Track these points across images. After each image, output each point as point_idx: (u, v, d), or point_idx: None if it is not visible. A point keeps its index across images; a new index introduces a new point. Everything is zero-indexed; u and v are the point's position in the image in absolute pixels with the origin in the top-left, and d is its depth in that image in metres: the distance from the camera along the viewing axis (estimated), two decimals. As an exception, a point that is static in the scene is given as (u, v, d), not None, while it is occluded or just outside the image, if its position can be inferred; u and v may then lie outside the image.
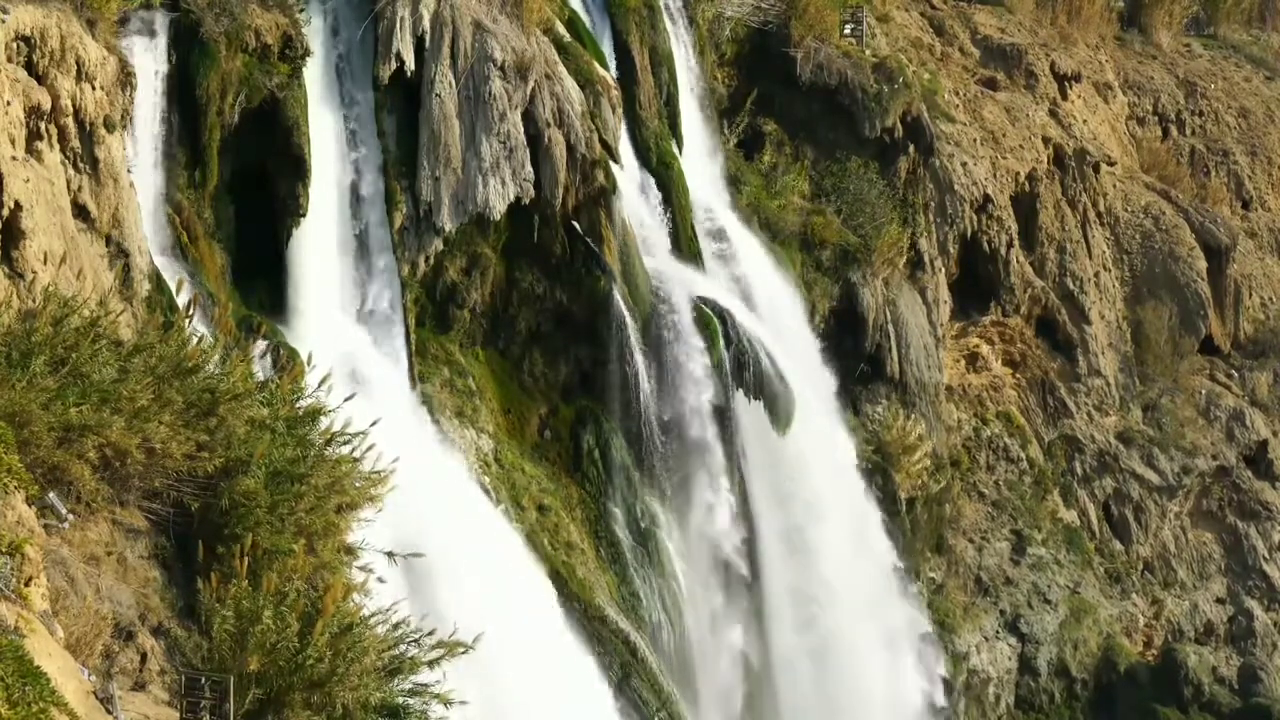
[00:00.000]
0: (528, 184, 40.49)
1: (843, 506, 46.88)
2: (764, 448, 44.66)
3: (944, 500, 52.81)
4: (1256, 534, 59.35)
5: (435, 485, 35.82)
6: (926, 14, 62.70)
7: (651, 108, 46.13)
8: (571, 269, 42.01)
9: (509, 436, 41.58)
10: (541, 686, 35.09)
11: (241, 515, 21.35)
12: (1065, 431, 57.60)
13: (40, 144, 30.24)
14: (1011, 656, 53.01)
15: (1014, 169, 57.10)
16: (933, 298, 52.69)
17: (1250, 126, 70.28)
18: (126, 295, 31.14)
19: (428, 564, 29.28)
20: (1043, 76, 62.12)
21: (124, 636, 19.64)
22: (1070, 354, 58.07)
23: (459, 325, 41.24)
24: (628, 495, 42.29)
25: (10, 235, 28.26)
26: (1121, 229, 61.97)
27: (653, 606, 41.74)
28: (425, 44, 39.95)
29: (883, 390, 50.60)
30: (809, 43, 51.88)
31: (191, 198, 36.30)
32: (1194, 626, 57.42)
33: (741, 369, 43.89)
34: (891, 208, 51.81)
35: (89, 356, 21.24)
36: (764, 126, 52.34)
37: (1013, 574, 54.03)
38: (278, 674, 19.57)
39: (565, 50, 42.88)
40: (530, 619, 36.41)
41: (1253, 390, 62.32)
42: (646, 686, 39.76)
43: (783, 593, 45.01)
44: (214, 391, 22.21)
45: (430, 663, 21.29)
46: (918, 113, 52.76)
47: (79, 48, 31.15)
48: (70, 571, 19.70)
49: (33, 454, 19.75)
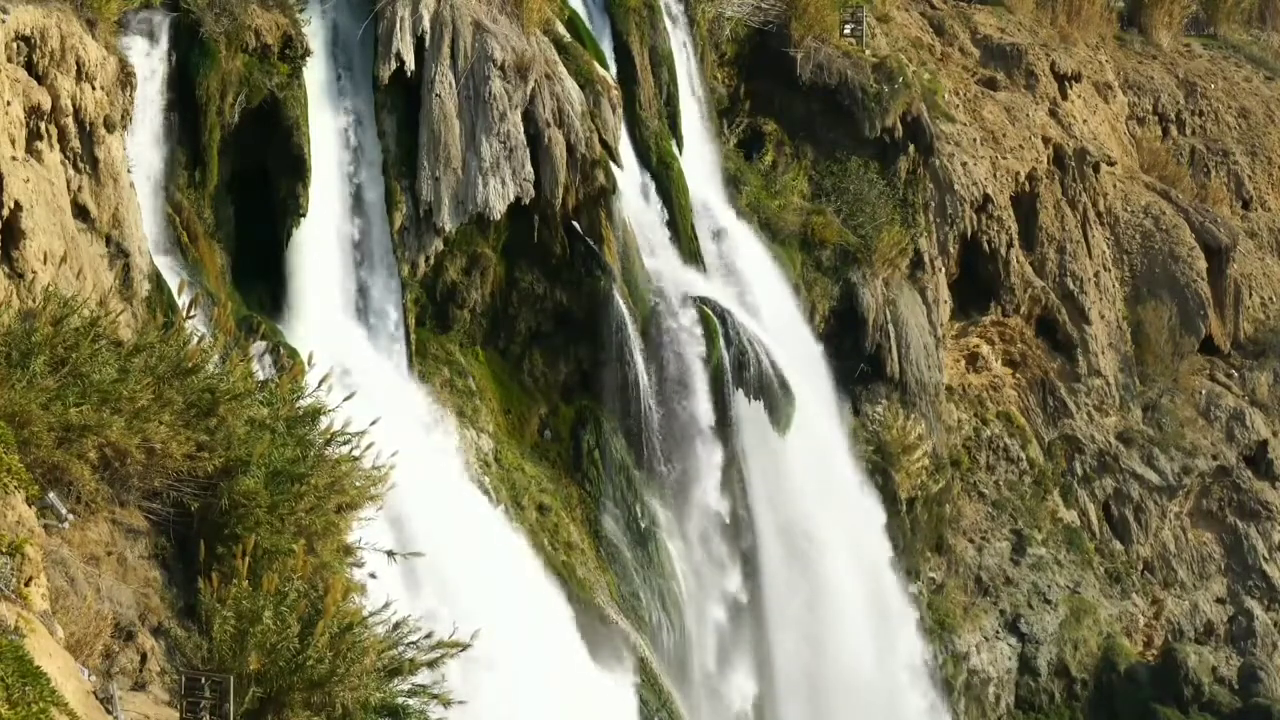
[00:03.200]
0: (528, 184, 40.49)
1: (842, 507, 46.88)
2: (764, 448, 44.66)
3: (944, 500, 52.80)
4: (1256, 534, 59.35)
5: (435, 485, 35.83)
6: (926, 14, 62.70)
7: (651, 108, 46.13)
8: (571, 269, 42.01)
9: (509, 436, 41.58)
10: (548, 683, 35.15)
11: (241, 515, 21.34)
12: (1065, 431, 57.60)
13: (40, 144, 30.25)
14: (1011, 656, 53.01)
15: (1014, 169, 57.10)
16: (933, 298, 52.69)
17: (1250, 126, 70.28)
18: (126, 295, 31.15)
19: (428, 564, 29.31)
20: (1043, 76, 62.12)
21: (124, 636, 19.63)
22: (1070, 354, 58.07)
23: (459, 325, 41.24)
24: (628, 495, 42.30)
25: (10, 235, 28.27)
26: (1121, 229, 61.98)
27: (653, 606, 41.74)
28: (425, 44, 39.94)
29: (883, 390, 50.60)
30: (809, 43, 51.89)
31: (191, 198, 36.29)
32: (1194, 626, 57.42)
33: (741, 369, 43.89)
34: (891, 208, 51.81)
35: (89, 356, 21.22)
36: (764, 126, 52.36)
37: (1013, 574, 54.04)
38: (278, 674, 19.56)
39: (565, 50, 42.88)
40: (532, 619, 36.42)
41: (1253, 390, 62.32)
42: (646, 686, 39.77)
43: (783, 590, 45.01)
44: (214, 391, 22.19)
45: (430, 663, 21.29)
46: (918, 113, 52.77)
47: (79, 48, 31.15)
48: (70, 571, 19.69)
49: (33, 454, 19.74)
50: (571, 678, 37.22)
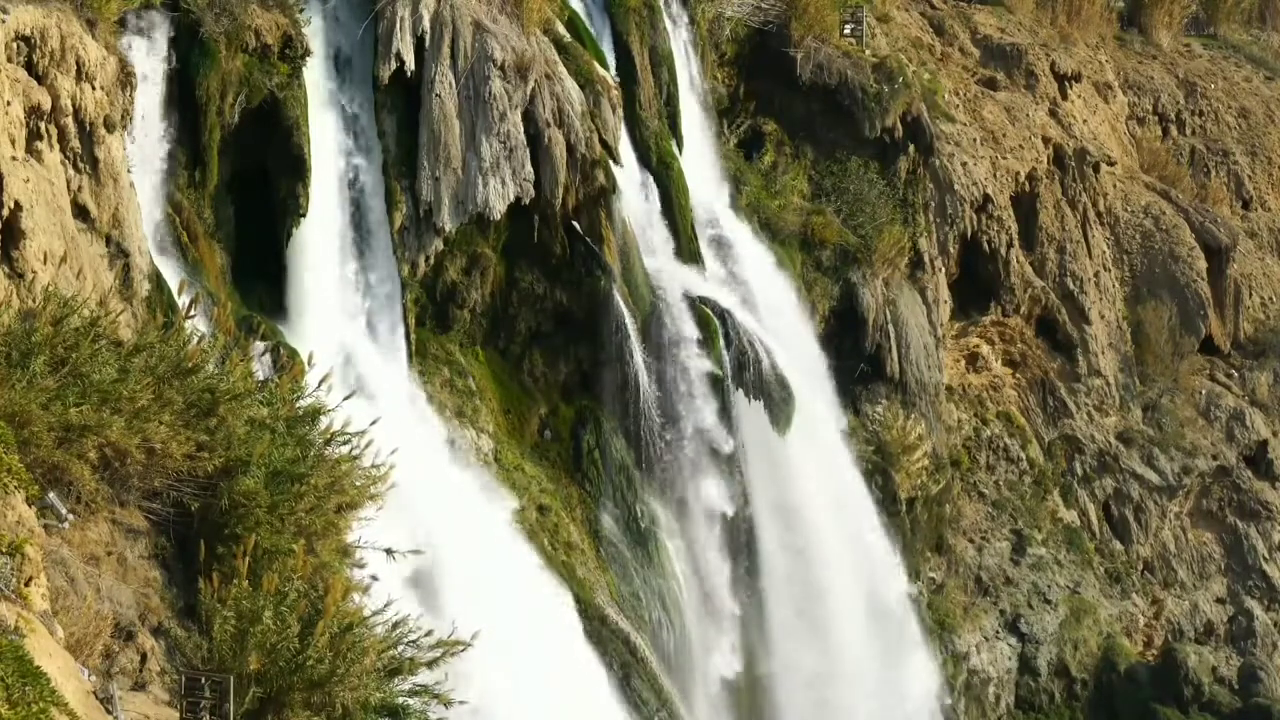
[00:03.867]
0: (528, 184, 40.49)
1: (842, 507, 46.89)
2: (764, 448, 44.67)
3: (944, 500, 52.80)
4: (1256, 534, 59.35)
5: (435, 485, 35.83)
6: (926, 14, 62.69)
7: (651, 108, 46.13)
8: (571, 269, 42.01)
9: (509, 436, 41.59)
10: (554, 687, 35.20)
11: (241, 515, 21.34)
12: (1065, 431, 57.60)
13: (40, 144, 30.24)
14: (1011, 656, 53.01)
15: (1014, 169, 57.10)
16: (933, 298, 52.69)
17: (1250, 126, 70.28)
18: (126, 295, 31.14)
19: (427, 563, 29.31)
20: (1043, 76, 62.11)
21: (124, 636, 19.63)
22: (1070, 354, 58.06)
23: (459, 325, 41.25)
24: (628, 495, 42.30)
25: (10, 235, 28.27)
26: (1121, 229, 61.97)
27: (653, 606, 41.74)
28: (425, 44, 39.94)
29: (883, 390, 50.60)
30: (809, 43, 51.88)
31: (191, 198, 36.29)
32: (1194, 626, 57.42)
33: (741, 369, 43.91)
34: (891, 208, 51.81)
35: (89, 356, 21.21)
36: (764, 126, 52.36)
37: (1013, 574, 54.03)
38: (278, 674, 19.56)
39: (565, 50, 42.88)
40: (532, 618, 36.43)
41: (1253, 390, 62.32)
42: (646, 686, 39.77)
43: (782, 590, 45.02)
44: (214, 391, 22.19)
45: (430, 663, 21.29)
46: (918, 113, 52.76)
47: (79, 48, 31.14)
48: (70, 571, 19.69)
49: (33, 454, 19.73)
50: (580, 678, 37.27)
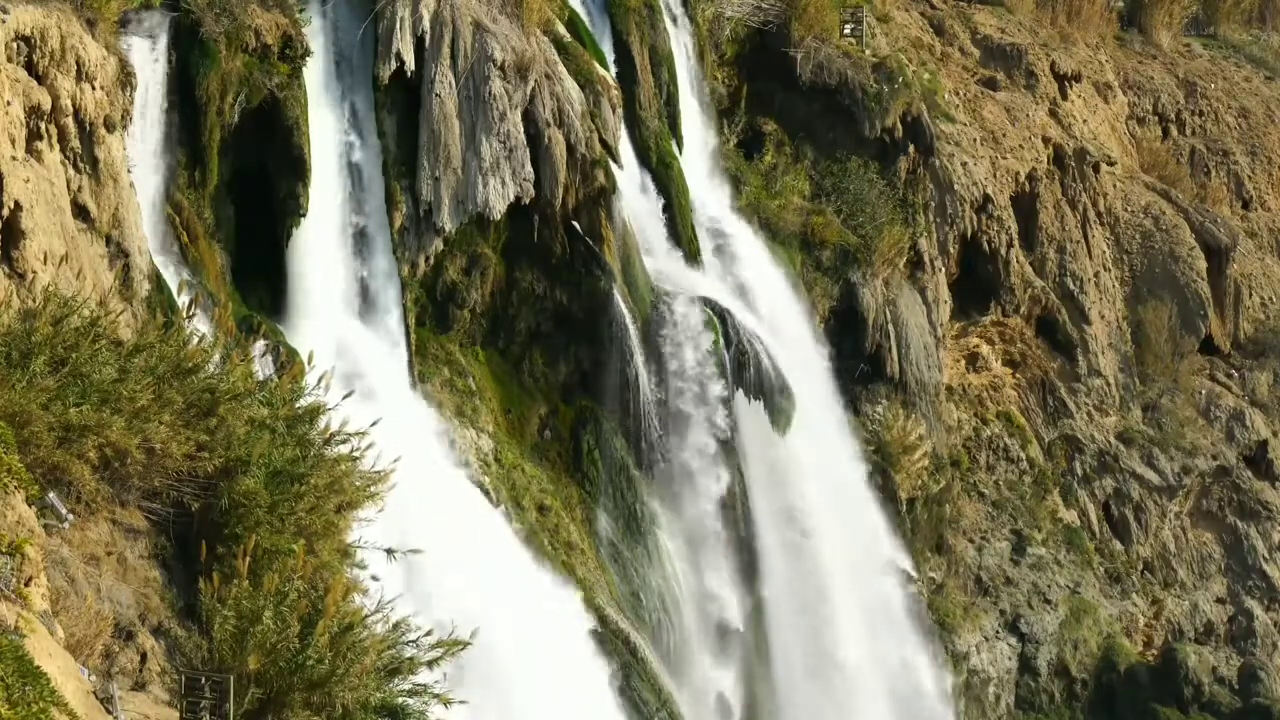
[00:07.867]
0: (528, 184, 40.50)
1: (842, 507, 46.88)
2: (764, 447, 44.67)
3: (944, 500, 52.80)
4: (1256, 534, 59.33)
5: (435, 485, 35.84)
6: (926, 14, 62.67)
7: (651, 108, 46.14)
8: (571, 269, 42.02)
9: (509, 436, 41.60)
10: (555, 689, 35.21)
11: (241, 515, 21.33)
12: (1065, 431, 57.59)
13: (40, 144, 30.26)
14: (1011, 656, 53.00)
15: (1014, 169, 57.09)
16: (933, 298, 52.69)
17: (1250, 126, 70.25)
18: (126, 295, 31.16)
19: (426, 563, 29.30)
20: (1043, 76, 62.10)
21: (124, 636, 19.63)
22: (1070, 354, 58.05)
23: (459, 325, 41.25)
24: (627, 495, 42.31)
25: (10, 235, 28.29)
26: (1121, 229, 61.96)
27: (652, 606, 41.75)
28: (425, 44, 39.96)
29: (883, 390, 50.59)
30: (809, 43, 51.88)
31: (191, 198, 36.31)
32: (1194, 626, 57.41)
33: (741, 369, 43.91)
34: (891, 208, 51.81)
35: (89, 356, 21.20)
36: (764, 126, 52.35)
37: (1013, 574, 54.03)
38: (278, 674, 19.55)
39: (565, 50, 42.89)
40: (532, 618, 36.44)
41: (1253, 390, 62.30)
42: (646, 686, 39.77)
43: (782, 590, 45.02)
44: (214, 391, 22.18)
45: (430, 662, 21.29)
46: (918, 113, 52.76)
47: (79, 48, 31.15)
48: (70, 571, 19.69)
49: (33, 454, 19.72)
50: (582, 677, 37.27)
